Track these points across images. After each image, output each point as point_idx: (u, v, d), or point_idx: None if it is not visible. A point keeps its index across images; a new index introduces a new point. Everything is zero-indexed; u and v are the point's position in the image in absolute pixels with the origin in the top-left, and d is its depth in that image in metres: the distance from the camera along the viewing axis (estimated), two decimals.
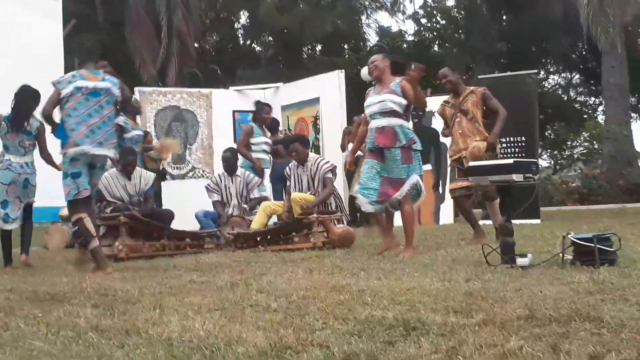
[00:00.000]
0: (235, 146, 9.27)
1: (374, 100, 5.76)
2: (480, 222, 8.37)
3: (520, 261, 4.22)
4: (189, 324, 2.82)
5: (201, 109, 11.56)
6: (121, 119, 8.04)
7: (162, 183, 8.66)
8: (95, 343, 2.61)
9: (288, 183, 7.82)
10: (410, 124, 5.74)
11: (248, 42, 30.42)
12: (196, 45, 24.01)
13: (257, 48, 29.99)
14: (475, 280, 3.70)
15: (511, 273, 3.92)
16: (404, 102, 5.62)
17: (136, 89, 11.57)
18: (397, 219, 6.05)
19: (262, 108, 9.32)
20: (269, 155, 9.14)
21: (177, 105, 11.42)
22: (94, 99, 5.60)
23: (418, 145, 5.66)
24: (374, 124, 5.70)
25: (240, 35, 30.59)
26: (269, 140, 9.12)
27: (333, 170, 7.59)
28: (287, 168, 7.91)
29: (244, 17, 29.41)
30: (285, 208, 7.66)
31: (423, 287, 3.49)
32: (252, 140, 8.98)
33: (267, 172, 9.21)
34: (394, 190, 5.55)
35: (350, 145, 7.62)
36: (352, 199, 9.77)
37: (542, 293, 3.14)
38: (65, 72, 9.60)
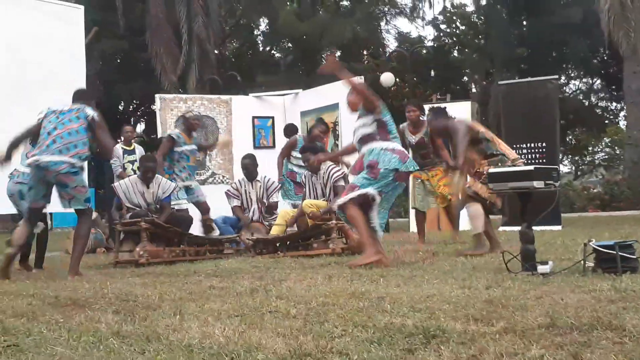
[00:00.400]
0: (254, 152, 9.33)
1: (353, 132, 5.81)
2: (501, 229, 8.35)
3: (541, 268, 4.19)
4: (209, 330, 2.82)
5: (221, 115, 11.63)
6: (175, 132, 8.18)
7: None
8: (116, 349, 2.62)
9: (304, 190, 7.87)
10: (383, 144, 5.50)
11: (267, 48, 30.60)
12: (216, 51, 24.15)
13: (277, 54, 30.16)
14: (495, 287, 3.68)
15: (532, 280, 3.89)
16: (370, 119, 5.56)
17: (157, 95, 11.70)
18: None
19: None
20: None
21: (197, 112, 11.48)
22: (63, 115, 5.74)
23: (384, 165, 5.38)
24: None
25: (259, 42, 30.80)
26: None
27: (345, 177, 7.58)
28: (302, 176, 7.97)
29: (263, 23, 29.65)
30: (297, 213, 7.69)
31: (443, 295, 3.48)
32: (294, 154, 9.02)
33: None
34: (344, 193, 5.48)
35: None
36: None
37: (564, 301, 3.11)
38: (87, 79, 9.76)
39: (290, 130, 9.65)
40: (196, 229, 8.05)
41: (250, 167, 8.52)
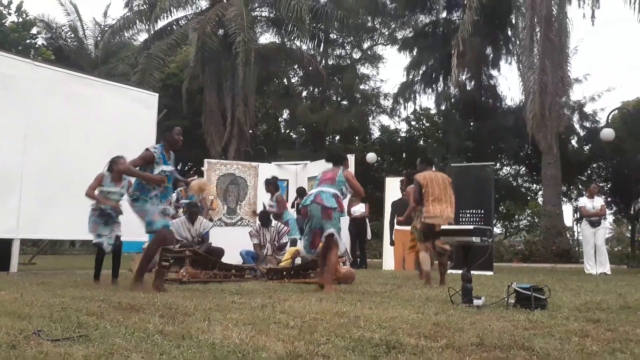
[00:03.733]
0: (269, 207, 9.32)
1: None
2: (448, 271, 8.23)
3: (476, 302, 4.14)
4: (229, 334, 2.78)
5: (250, 176, 11.69)
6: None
7: (217, 228, 8.64)
8: (159, 343, 2.57)
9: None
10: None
11: (287, 131, 30.89)
12: (250, 131, 24.32)
13: (294, 135, 30.43)
14: (441, 314, 3.62)
15: (468, 310, 3.84)
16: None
17: (205, 160, 11.79)
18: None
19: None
20: None
21: (233, 173, 11.56)
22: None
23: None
24: None
25: (282, 126, 31.11)
26: None
27: None
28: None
29: (285, 113, 29.98)
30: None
31: (403, 317, 3.42)
32: None
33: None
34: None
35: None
36: (352, 246, 9.64)
37: (490, 327, 3.07)
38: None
39: (273, 185, 9.50)
40: (225, 258, 7.97)
41: (264, 217, 8.52)
